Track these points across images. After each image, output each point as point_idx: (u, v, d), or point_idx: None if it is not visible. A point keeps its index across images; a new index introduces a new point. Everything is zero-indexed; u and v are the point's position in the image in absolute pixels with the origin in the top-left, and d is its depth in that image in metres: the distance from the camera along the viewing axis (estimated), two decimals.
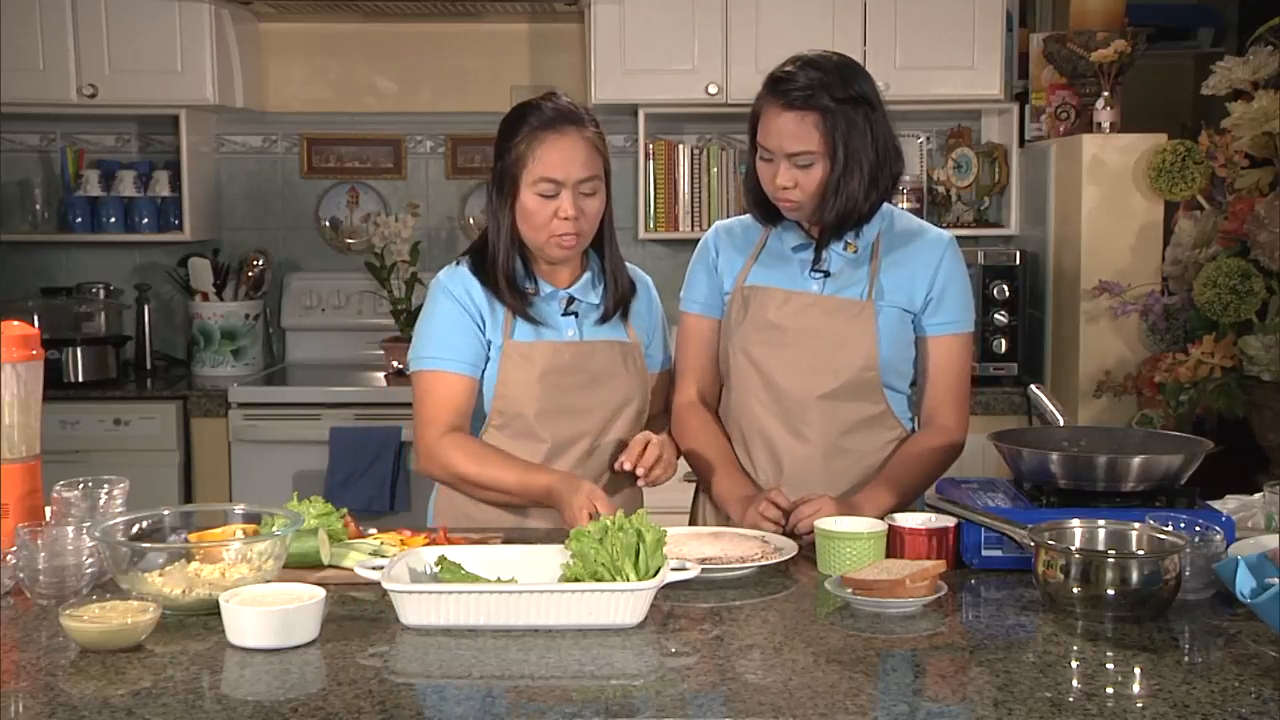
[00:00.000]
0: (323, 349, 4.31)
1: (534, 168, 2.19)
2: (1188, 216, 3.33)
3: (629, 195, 4.27)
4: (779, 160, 2.19)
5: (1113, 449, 2.00)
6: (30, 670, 1.54)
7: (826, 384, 2.26)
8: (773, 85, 2.20)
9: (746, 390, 2.31)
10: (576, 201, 2.19)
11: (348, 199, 4.38)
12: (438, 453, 2.22)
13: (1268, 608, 1.56)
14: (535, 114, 2.22)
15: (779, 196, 2.22)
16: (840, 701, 1.42)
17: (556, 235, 2.20)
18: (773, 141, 2.19)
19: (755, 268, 2.33)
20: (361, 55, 4.33)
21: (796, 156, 2.17)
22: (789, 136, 2.17)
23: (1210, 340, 3.11)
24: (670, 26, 3.89)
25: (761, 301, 2.29)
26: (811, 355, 2.26)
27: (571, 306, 2.29)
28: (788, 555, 1.95)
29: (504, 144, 2.23)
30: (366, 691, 1.46)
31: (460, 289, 2.27)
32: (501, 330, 2.25)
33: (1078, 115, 3.73)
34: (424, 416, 2.25)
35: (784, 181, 2.19)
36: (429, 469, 2.27)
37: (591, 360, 2.28)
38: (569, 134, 2.20)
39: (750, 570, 1.88)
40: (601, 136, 2.26)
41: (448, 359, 2.24)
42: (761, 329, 2.29)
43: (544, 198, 2.19)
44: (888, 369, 2.27)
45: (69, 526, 1.80)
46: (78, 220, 4.13)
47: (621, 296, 2.33)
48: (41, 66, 3.90)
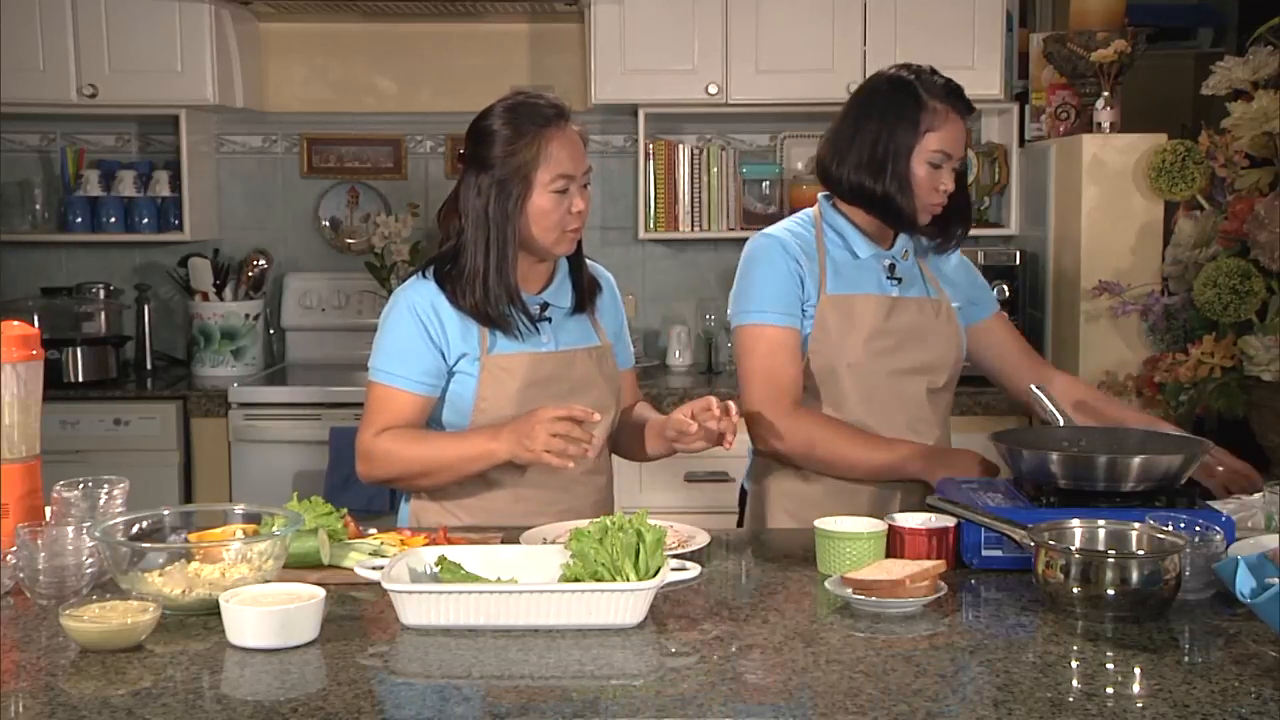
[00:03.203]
0: (323, 349, 4.31)
1: (549, 166, 2.16)
2: (1188, 216, 3.33)
3: (629, 195, 4.28)
4: (947, 166, 2.32)
5: (1113, 449, 2.00)
6: (30, 670, 1.54)
7: (938, 379, 2.39)
8: (946, 92, 2.32)
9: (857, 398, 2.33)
10: (582, 195, 2.21)
11: (348, 199, 4.38)
12: (374, 448, 2.20)
13: (1268, 608, 1.56)
14: (533, 114, 2.18)
15: (937, 203, 2.33)
16: (840, 701, 1.42)
17: (569, 231, 2.21)
18: (954, 146, 2.31)
19: (830, 279, 2.35)
20: (361, 55, 4.33)
21: (959, 160, 2.33)
22: (962, 142, 2.33)
23: (1210, 340, 3.11)
24: (670, 26, 3.89)
25: (865, 310, 2.32)
26: (921, 356, 2.37)
27: (545, 312, 2.27)
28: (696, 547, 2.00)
29: (503, 149, 2.16)
30: (366, 691, 1.46)
31: (427, 306, 2.21)
32: (478, 343, 2.22)
33: (1078, 115, 3.73)
34: (367, 420, 2.23)
35: (950, 186, 2.33)
36: (367, 469, 2.23)
37: (571, 369, 2.27)
38: (568, 129, 2.20)
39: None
40: (585, 130, 2.28)
41: (403, 376, 2.21)
42: (876, 337, 2.33)
43: (559, 194, 2.18)
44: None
45: (69, 526, 1.80)
46: (78, 220, 4.13)
47: (589, 290, 2.34)
48: (41, 66, 3.90)
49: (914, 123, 2.29)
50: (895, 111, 2.30)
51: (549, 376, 2.24)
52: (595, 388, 2.28)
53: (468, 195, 2.20)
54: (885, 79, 2.35)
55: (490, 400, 2.22)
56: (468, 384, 2.23)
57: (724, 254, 4.27)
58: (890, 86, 2.33)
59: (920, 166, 2.30)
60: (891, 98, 2.32)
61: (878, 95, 2.34)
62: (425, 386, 2.22)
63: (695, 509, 3.49)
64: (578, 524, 1.83)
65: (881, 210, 2.35)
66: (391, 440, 2.19)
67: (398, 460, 2.20)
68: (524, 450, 2.07)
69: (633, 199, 4.22)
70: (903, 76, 2.33)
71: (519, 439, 2.07)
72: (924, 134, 2.29)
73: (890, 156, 2.29)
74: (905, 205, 2.31)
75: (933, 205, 2.33)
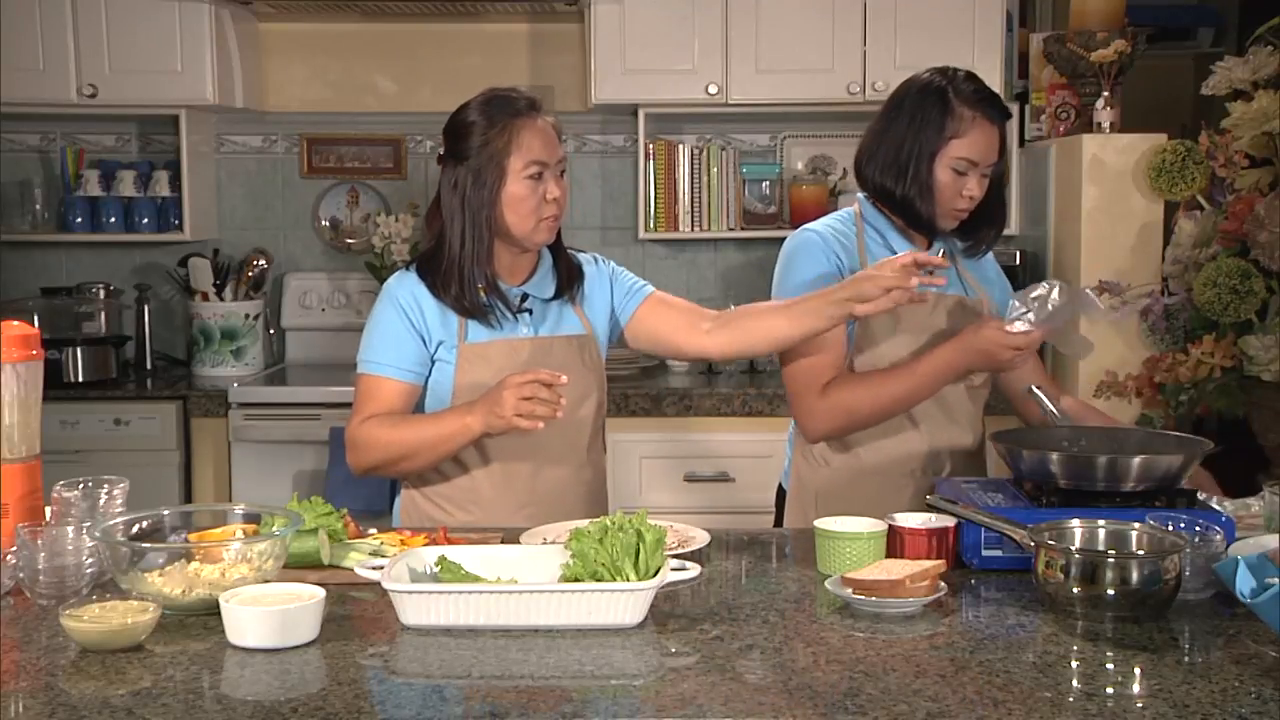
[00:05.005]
0: (323, 349, 4.31)
1: (521, 153, 2.21)
2: (1188, 216, 3.33)
3: (629, 195, 4.28)
4: (975, 172, 2.30)
5: (1113, 449, 2.00)
6: (30, 670, 1.54)
7: (976, 377, 2.40)
8: (978, 98, 2.31)
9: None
10: (558, 182, 2.24)
11: (348, 199, 4.38)
12: (358, 435, 2.24)
13: (1268, 608, 1.56)
14: (505, 105, 2.25)
15: (961, 208, 2.33)
16: (840, 701, 1.42)
17: (544, 218, 2.24)
18: (981, 153, 2.30)
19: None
20: (361, 55, 4.33)
21: (990, 167, 2.32)
22: (993, 149, 2.32)
23: (1210, 340, 3.11)
24: (670, 26, 3.89)
25: (911, 309, 2.31)
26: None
27: (525, 304, 2.30)
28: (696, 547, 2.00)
29: (478, 139, 2.22)
30: (366, 691, 1.46)
31: (408, 296, 2.27)
32: (455, 333, 2.26)
33: (1078, 115, 3.73)
34: (354, 410, 2.28)
35: (977, 193, 2.31)
36: (354, 457, 2.26)
37: (549, 356, 2.29)
38: (539, 119, 2.25)
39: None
40: (559, 122, 2.31)
41: (388, 365, 2.26)
42: (920, 333, 2.35)
43: (533, 180, 2.21)
44: None
45: (69, 526, 1.80)
46: (78, 220, 4.13)
47: (569, 278, 2.35)
48: (41, 66, 3.90)
49: (939, 128, 2.29)
50: (922, 115, 2.31)
51: (526, 363, 2.26)
52: (574, 375, 2.28)
53: (446, 190, 2.26)
54: (919, 82, 2.36)
55: (467, 388, 2.24)
56: (446, 371, 2.27)
57: (724, 254, 4.28)
58: (920, 90, 2.34)
59: (944, 172, 2.30)
60: (920, 101, 2.32)
61: (908, 98, 2.35)
62: (410, 374, 2.26)
63: (695, 509, 3.50)
64: (578, 524, 1.83)
65: (903, 212, 2.36)
66: (375, 426, 2.23)
67: (380, 445, 2.22)
68: (496, 419, 2.10)
69: (633, 199, 4.22)
70: (934, 81, 2.34)
71: (490, 409, 2.10)
72: (949, 140, 2.29)
73: (913, 160, 2.30)
74: (925, 209, 2.32)
75: (956, 211, 2.34)
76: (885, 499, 2.27)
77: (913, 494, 2.34)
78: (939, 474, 2.37)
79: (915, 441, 2.38)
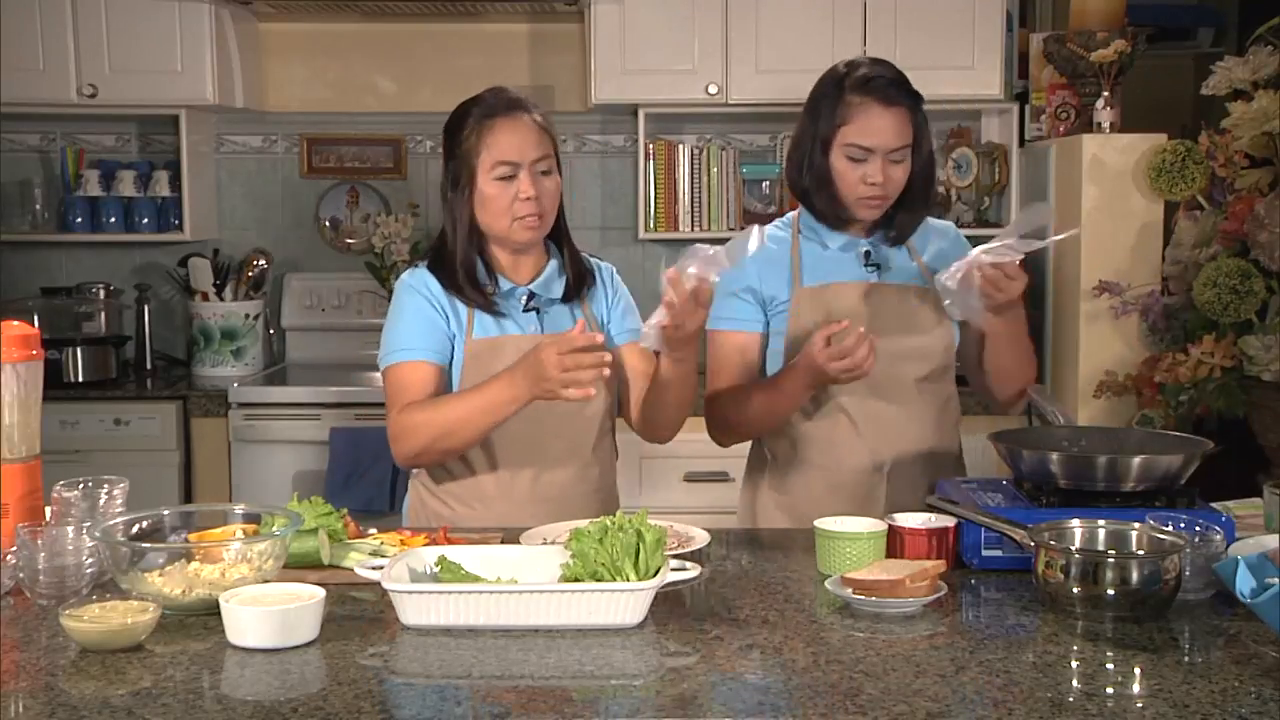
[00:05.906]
0: (323, 349, 4.31)
1: (489, 154, 2.22)
2: (1188, 216, 3.33)
3: (629, 195, 4.28)
4: (875, 159, 2.23)
5: (1113, 449, 2.00)
6: (30, 670, 1.54)
7: (923, 367, 2.33)
8: (865, 85, 2.24)
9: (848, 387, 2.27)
10: (535, 181, 2.22)
11: (348, 199, 4.38)
12: (400, 424, 2.20)
13: (1268, 608, 1.56)
14: (479, 106, 2.27)
15: (866, 196, 2.26)
16: (840, 701, 1.42)
17: (520, 218, 2.23)
18: (874, 139, 2.23)
19: (805, 273, 2.34)
20: (361, 55, 4.33)
21: (894, 153, 2.24)
22: (892, 133, 2.23)
23: (1210, 340, 3.11)
24: (670, 26, 3.89)
25: (838, 296, 2.29)
26: (904, 341, 2.31)
27: (532, 303, 2.30)
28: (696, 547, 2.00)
29: (452, 140, 2.27)
30: (366, 691, 1.46)
31: (422, 285, 2.29)
32: (464, 328, 2.27)
33: (1078, 115, 3.73)
34: (390, 405, 2.25)
35: (878, 178, 2.23)
36: (399, 448, 2.23)
37: None
38: (516, 117, 2.25)
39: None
40: (549, 120, 2.30)
41: (417, 349, 2.24)
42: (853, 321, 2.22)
43: (503, 180, 2.22)
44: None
45: (69, 526, 1.80)
46: (78, 220, 4.13)
47: (579, 280, 2.35)
48: (41, 66, 3.90)
49: (830, 116, 2.26)
50: (816, 105, 2.30)
51: None
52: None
53: (444, 186, 2.32)
54: (824, 74, 2.33)
55: (473, 384, 2.23)
56: (455, 368, 2.27)
57: None
58: (820, 82, 2.32)
59: (839, 160, 2.26)
60: (819, 91, 2.31)
61: (813, 89, 2.33)
62: (440, 356, 2.25)
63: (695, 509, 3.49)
64: (578, 524, 1.83)
65: (809, 204, 2.34)
66: (415, 411, 2.20)
67: (424, 426, 2.18)
68: (543, 390, 2.07)
69: (633, 199, 4.22)
70: (835, 70, 2.31)
71: (535, 380, 2.07)
72: (838, 127, 2.25)
73: (809, 151, 2.29)
74: (823, 200, 2.29)
75: (862, 200, 2.27)
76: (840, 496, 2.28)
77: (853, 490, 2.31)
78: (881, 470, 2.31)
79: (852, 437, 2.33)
